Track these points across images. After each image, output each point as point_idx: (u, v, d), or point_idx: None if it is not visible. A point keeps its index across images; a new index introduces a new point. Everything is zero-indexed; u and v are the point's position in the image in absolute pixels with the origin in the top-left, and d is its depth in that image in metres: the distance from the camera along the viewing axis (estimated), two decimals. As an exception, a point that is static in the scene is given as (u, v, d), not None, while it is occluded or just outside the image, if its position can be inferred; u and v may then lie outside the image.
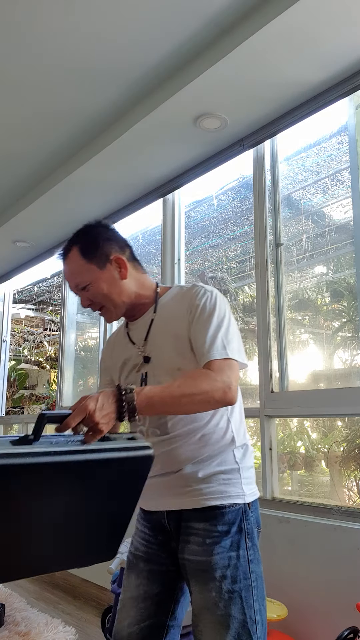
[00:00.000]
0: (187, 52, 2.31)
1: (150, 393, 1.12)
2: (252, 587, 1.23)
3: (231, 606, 1.20)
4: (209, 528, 1.26)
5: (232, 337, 1.28)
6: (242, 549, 1.26)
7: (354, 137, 2.40)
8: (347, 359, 2.58)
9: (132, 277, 1.41)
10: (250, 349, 3.00)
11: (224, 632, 1.18)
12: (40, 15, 2.11)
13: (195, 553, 1.26)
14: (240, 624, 1.20)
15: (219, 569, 1.22)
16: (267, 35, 2.04)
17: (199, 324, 1.29)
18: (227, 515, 1.27)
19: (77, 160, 3.13)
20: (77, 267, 1.38)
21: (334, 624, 1.94)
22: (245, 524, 1.28)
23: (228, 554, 1.24)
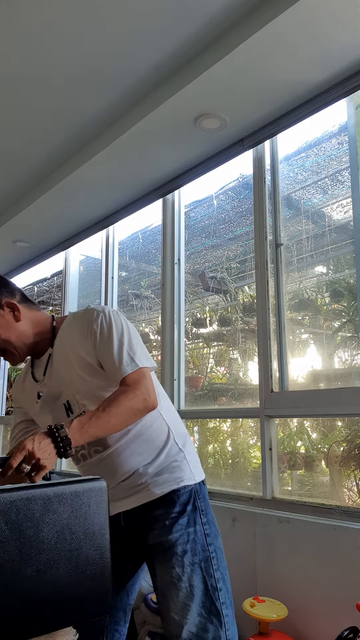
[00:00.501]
0: (187, 52, 2.31)
1: (80, 424, 1.22)
2: (211, 558, 1.37)
3: (193, 577, 1.33)
4: (167, 511, 1.39)
5: (136, 346, 1.39)
6: (199, 525, 1.40)
7: (354, 137, 2.40)
8: (347, 359, 2.58)
9: (26, 318, 1.48)
10: (250, 349, 3.00)
11: (189, 602, 1.30)
12: (40, 15, 2.11)
13: (158, 536, 1.38)
14: (203, 593, 1.32)
15: (180, 545, 1.35)
16: (267, 36, 2.03)
17: (102, 347, 1.38)
18: (182, 497, 1.40)
19: (77, 160, 3.13)
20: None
21: (334, 624, 1.94)
22: (198, 502, 1.42)
23: (186, 530, 1.37)
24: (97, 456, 1.45)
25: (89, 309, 1.46)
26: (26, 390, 1.58)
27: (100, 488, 1.01)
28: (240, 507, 2.45)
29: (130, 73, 2.45)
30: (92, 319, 1.42)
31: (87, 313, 1.45)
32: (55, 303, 7.05)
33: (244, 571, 2.34)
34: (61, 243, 4.34)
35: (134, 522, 1.44)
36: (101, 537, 1.00)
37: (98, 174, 3.19)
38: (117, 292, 3.90)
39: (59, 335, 1.49)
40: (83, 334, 1.42)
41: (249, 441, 3.02)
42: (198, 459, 1.53)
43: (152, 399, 1.33)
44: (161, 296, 3.30)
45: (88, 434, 1.23)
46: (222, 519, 2.49)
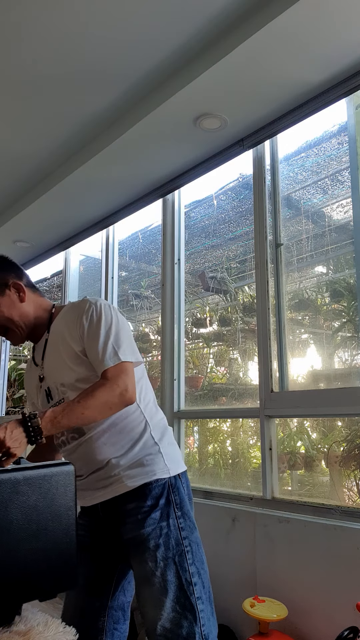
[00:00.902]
0: (187, 52, 2.31)
1: (53, 414, 1.25)
2: (185, 552, 1.35)
3: (167, 572, 1.31)
4: (139, 505, 1.38)
5: (123, 340, 1.40)
6: (172, 518, 1.38)
7: (354, 137, 2.40)
8: (347, 359, 2.58)
9: (30, 300, 1.54)
10: (250, 349, 3.00)
11: (163, 597, 1.29)
12: (40, 15, 2.11)
13: (131, 530, 1.37)
14: (178, 587, 1.31)
15: (152, 539, 1.34)
16: (267, 35, 2.03)
17: (89, 338, 1.41)
18: (154, 490, 1.39)
19: (77, 160, 3.13)
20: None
21: (334, 624, 1.94)
22: (172, 496, 1.41)
23: (159, 524, 1.36)
24: (74, 443, 1.46)
25: (83, 299, 1.49)
26: (31, 377, 1.61)
27: (67, 472, 1.08)
28: (240, 507, 2.45)
29: (130, 73, 2.45)
30: (84, 309, 1.45)
31: (81, 303, 1.48)
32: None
33: (244, 571, 2.34)
34: (61, 243, 4.34)
35: (111, 515, 1.45)
36: (67, 518, 1.06)
37: (98, 174, 3.19)
38: (117, 292, 3.90)
39: (55, 321, 1.53)
40: (74, 322, 1.45)
41: (249, 441, 3.02)
42: (177, 452, 1.52)
43: (130, 393, 1.33)
44: (161, 296, 3.30)
45: (60, 424, 1.26)
46: (222, 519, 2.49)
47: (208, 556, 2.45)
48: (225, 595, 2.40)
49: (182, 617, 1.29)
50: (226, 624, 2.34)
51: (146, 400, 1.51)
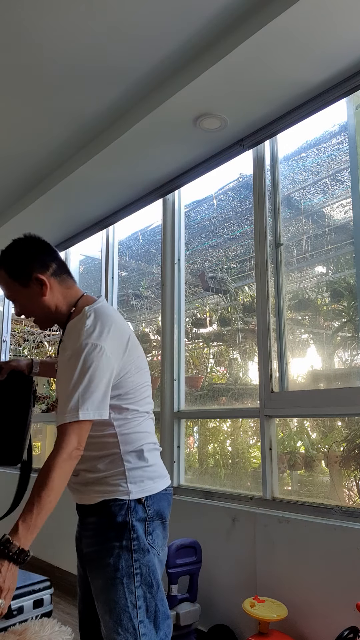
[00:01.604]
0: (187, 52, 2.31)
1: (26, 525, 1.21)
2: (134, 574, 1.33)
3: (112, 592, 1.31)
4: (97, 521, 1.40)
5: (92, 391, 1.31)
6: (126, 540, 1.36)
7: (354, 137, 2.40)
8: (347, 359, 2.58)
9: (54, 291, 1.51)
10: (250, 349, 3.00)
11: (107, 616, 1.30)
12: (40, 15, 2.11)
13: (87, 545, 1.41)
14: (122, 609, 1.30)
15: (104, 557, 1.35)
16: (267, 36, 2.04)
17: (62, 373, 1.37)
18: (112, 509, 1.38)
19: (77, 160, 3.13)
20: (5, 282, 1.51)
21: (334, 624, 1.94)
22: (130, 517, 1.38)
23: (112, 543, 1.35)
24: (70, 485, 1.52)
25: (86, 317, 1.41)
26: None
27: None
28: (240, 507, 2.45)
29: (130, 73, 2.46)
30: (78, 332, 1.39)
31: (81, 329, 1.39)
32: (55, 303, 7.04)
33: (244, 571, 2.34)
34: (61, 243, 4.33)
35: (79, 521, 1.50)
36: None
37: (98, 174, 3.19)
38: (117, 292, 3.90)
39: (68, 327, 1.48)
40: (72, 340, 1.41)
41: (249, 441, 3.02)
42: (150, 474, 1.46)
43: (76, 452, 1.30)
44: (161, 296, 3.30)
45: (37, 526, 1.24)
46: (222, 519, 2.49)
47: (208, 556, 2.45)
48: (225, 595, 2.40)
49: (122, 638, 1.29)
50: (226, 624, 2.33)
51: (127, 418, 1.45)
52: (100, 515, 1.40)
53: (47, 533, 3.82)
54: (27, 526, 1.21)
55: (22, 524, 1.22)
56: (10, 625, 1.77)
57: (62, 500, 1.30)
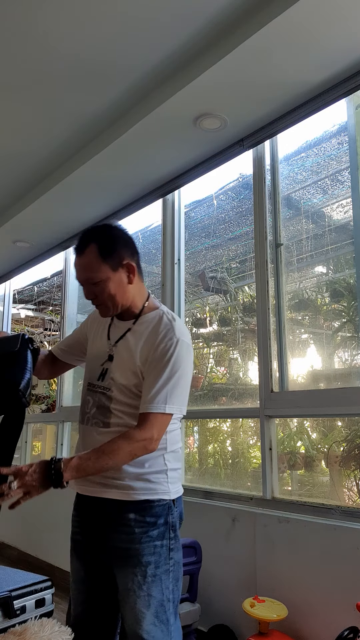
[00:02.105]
0: (187, 52, 2.31)
1: (79, 462, 1.34)
2: (170, 572, 1.44)
3: (152, 588, 1.39)
4: (139, 519, 1.43)
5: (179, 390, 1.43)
6: (166, 539, 1.45)
7: (354, 137, 2.40)
8: (347, 359, 2.58)
9: (135, 284, 1.52)
10: (250, 349, 3.00)
11: (145, 610, 1.38)
12: (40, 15, 2.11)
13: (124, 541, 1.42)
14: (159, 603, 1.40)
15: (146, 555, 1.41)
16: (267, 35, 2.03)
17: (152, 369, 1.44)
18: (156, 509, 1.45)
19: (77, 160, 3.13)
20: (92, 263, 1.46)
21: (334, 624, 1.94)
22: (169, 517, 1.47)
23: (154, 542, 1.42)
24: (96, 428, 1.50)
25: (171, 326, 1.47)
26: (97, 343, 1.61)
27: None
28: (240, 507, 2.45)
29: (130, 73, 2.45)
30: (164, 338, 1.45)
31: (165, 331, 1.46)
32: (56, 303, 7.04)
33: (244, 571, 2.34)
34: (61, 243, 4.33)
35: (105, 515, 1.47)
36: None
37: (98, 174, 3.19)
38: (117, 292, 3.89)
39: (141, 321, 1.53)
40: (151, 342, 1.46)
41: (249, 441, 3.03)
42: (179, 475, 1.56)
43: (154, 444, 1.40)
44: (161, 296, 3.30)
45: (84, 472, 1.36)
46: (222, 519, 2.49)
47: (208, 556, 2.45)
48: (225, 595, 2.40)
49: (158, 630, 1.38)
50: (226, 624, 2.34)
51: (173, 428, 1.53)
52: (142, 513, 1.43)
53: (47, 533, 3.82)
54: (79, 464, 1.34)
55: (78, 460, 1.34)
56: (11, 625, 1.77)
57: (62, 500, 1.31)
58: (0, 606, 2.16)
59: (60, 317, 4.48)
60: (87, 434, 1.53)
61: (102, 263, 1.46)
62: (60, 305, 4.55)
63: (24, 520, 4.14)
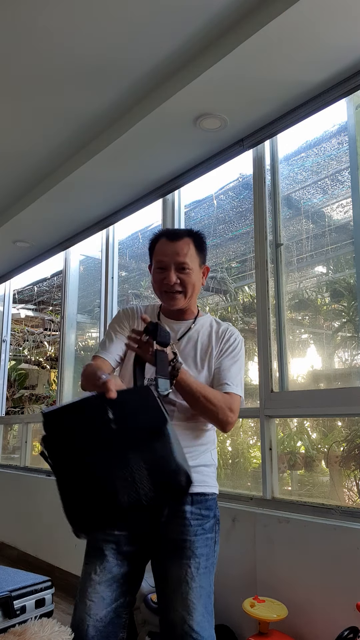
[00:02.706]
0: (187, 52, 2.31)
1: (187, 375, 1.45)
2: (214, 565, 1.52)
3: (203, 579, 1.45)
4: (194, 511, 1.49)
5: (242, 380, 1.62)
6: (215, 532, 1.54)
7: (354, 137, 2.40)
8: (347, 359, 2.58)
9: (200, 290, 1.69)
10: (250, 349, 3.00)
11: (196, 601, 1.42)
12: (40, 15, 2.11)
13: (180, 532, 1.47)
14: (207, 594, 1.46)
15: (200, 547, 1.46)
16: (267, 35, 2.03)
17: (227, 359, 1.59)
18: (209, 502, 1.53)
19: (77, 160, 3.13)
20: (189, 251, 1.61)
21: (334, 624, 1.94)
22: (217, 511, 1.57)
23: (207, 535, 1.49)
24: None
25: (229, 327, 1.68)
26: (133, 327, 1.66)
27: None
28: (240, 507, 2.45)
29: (130, 73, 2.45)
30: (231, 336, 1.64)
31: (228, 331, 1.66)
32: (55, 303, 7.05)
33: (244, 571, 2.34)
34: (61, 243, 4.33)
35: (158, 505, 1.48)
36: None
37: (98, 174, 3.19)
38: (117, 292, 3.90)
39: (200, 322, 1.68)
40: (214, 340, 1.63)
41: (249, 441, 3.02)
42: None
43: (231, 427, 1.51)
44: (161, 296, 3.30)
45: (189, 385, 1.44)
46: (222, 519, 2.48)
47: (208, 556, 2.45)
48: (225, 595, 2.40)
49: (206, 621, 1.42)
50: (226, 624, 2.34)
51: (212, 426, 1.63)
52: (198, 505, 1.50)
53: (47, 533, 3.82)
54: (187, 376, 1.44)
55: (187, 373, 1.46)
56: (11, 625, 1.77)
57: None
58: (0, 606, 2.16)
59: (60, 317, 4.48)
60: None
61: (196, 255, 1.62)
62: (60, 305, 4.55)
63: (24, 520, 4.14)
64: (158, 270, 1.61)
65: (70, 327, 4.37)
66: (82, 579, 1.51)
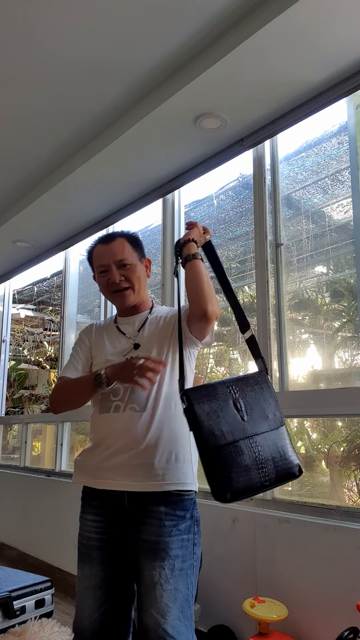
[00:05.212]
0: (187, 52, 2.31)
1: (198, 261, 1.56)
2: (193, 566, 1.44)
3: (179, 582, 1.39)
4: (169, 512, 1.43)
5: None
6: (192, 533, 1.45)
7: (354, 137, 2.40)
8: (347, 359, 2.58)
9: (146, 281, 1.71)
10: (250, 349, 2.99)
11: (171, 604, 1.37)
12: (40, 15, 2.11)
13: (153, 534, 1.41)
14: (184, 597, 1.40)
15: (174, 549, 1.40)
16: (267, 35, 2.03)
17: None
18: (185, 502, 1.45)
19: (77, 160, 3.13)
20: (124, 248, 1.64)
21: (334, 624, 1.94)
22: (195, 511, 1.48)
23: (182, 536, 1.42)
24: (129, 413, 1.49)
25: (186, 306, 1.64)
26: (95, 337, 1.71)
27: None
28: (240, 507, 2.45)
29: (130, 73, 2.45)
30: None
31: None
32: (55, 303, 7.05)
33: (244, 571, 2.34)
34: (61, 243, 4.33)
35: (135, 508, 1.45)
36: None
37: (98, 174, 3.19)
38: (117, 292, 3.89)
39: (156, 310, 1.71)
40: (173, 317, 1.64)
41: (249, 441, 3.02)
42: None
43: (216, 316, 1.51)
44: (161, 296, 3.30)
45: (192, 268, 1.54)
46: (222, 519, 2.48)
47: (208, 556, 2.45)
48: (225, 595, 2.40)
49: (183, 625, 1.37)
50: (226, 624, 2.33)
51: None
52: (172, 505, 1.44)
53: (47, 533, 3.82)
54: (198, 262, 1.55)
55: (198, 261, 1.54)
56: (11, 625, 1.77)
57: (62, 500, 1.30)
58: (0, 606, 2.16)
59: (60, 317, 4.48)
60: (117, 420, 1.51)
61: (133, 250, 1.65)
62: (60, 305, 4.55)
63: (24, 520, 4.14)
64: (101, 275, 1.64)
65: (70, 327, 4.37)
66: (77, 579, 1.53)
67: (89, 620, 1.45)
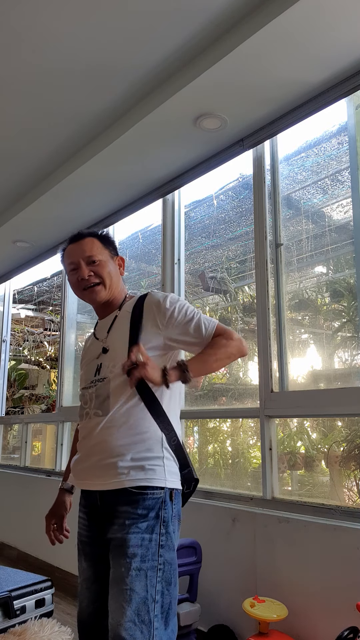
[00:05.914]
0: (187, 52, 2.31)
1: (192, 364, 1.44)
2: (157, 569, 1.37)
3: (135, 582, 1.33)
4: (130, 510, 1.40)
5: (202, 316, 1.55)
6: (155, 534, 1.39)
7: (354, 137, 2.40)
8: (347, 359, 2.58)
9: (121, 280, 1.70)
10: (250, 349, 3.00)
11: (125, 605, 1.31)
12: (40, 15, 2.11)
13: (115, 532, 1.40)
14: (142, 600, 1.32)
15: (132, 547, 1.36)
16: (267, 35, 2.04)
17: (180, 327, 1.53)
18: (147, 501, 1.41)
19: (77, 160, 3.13)
20: (93, 245, 1.63)
21: (334, 624, 1.94)
22: (162, 512, 1.42)
23: (142, 535, 1.38)
24: (95, 419, 1.50)
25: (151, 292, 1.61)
26: (91, 351, 1.67)
27: None
28: (240, 507, 2.45)
29: (130, 73, 2.46)
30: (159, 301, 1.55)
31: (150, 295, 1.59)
32: (56, 303, 7.05)
33: (244, 571, 2.34)
34: (61, 243, 4.32)
35: (105, 508, 1.47)
36: None
37: (98, 174, 3.19)
38: (117, 292, 3.89)
39: (124, 305, 1.65)
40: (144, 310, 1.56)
41: (249, 441, 3.02)
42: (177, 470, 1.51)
43: (245, 345, 1.51)
44: (161, 296, 3.30)
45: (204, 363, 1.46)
46: (222, 519, 2.49)
47: (208, 556, 2.45)
48: (225, 595, 2.40)
49: (138, 630, 1.30)
50: (226, 624, 2.34)
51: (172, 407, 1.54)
52: (133, 505, 1.40)
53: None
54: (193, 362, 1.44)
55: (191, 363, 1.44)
56: (11, 625, 1.77)
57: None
58: (0, 606, 2.16)
59: (60, 317, 4.48)
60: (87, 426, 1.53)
61: (103, 247, 1.64)
62: (60, 305, 4.55)
63: (24, 520, 4.14)
64: (72, 273, 1.63)
65: (70, 327, 4.37)
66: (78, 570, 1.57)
67: (87, 612, 1.50)
